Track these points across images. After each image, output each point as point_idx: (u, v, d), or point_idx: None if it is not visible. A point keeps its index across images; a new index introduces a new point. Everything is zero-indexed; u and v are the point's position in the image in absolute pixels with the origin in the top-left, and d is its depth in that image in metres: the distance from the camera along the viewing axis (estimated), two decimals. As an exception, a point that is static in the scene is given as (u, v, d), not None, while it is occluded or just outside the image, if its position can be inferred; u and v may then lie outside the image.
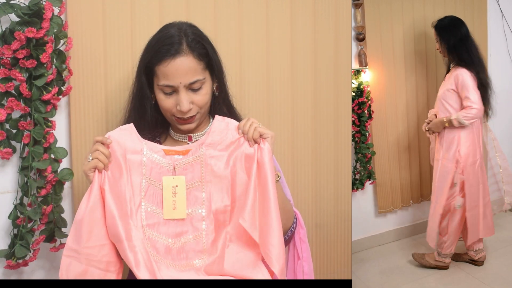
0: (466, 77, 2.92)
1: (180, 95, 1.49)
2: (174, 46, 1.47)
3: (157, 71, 1.49)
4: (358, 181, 3.23)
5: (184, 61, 1.47)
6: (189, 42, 1.49)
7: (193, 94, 1.51)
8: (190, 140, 1.62)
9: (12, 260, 1.72)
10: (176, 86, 1.48)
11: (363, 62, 3.22)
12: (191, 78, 1.49)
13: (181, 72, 1.47)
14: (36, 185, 1.74)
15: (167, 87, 1.49)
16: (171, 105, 1.51)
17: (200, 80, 1.51)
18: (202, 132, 1.63)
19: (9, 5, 1.65)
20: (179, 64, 1.47)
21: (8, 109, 1.69)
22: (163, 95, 1.52)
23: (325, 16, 2.21)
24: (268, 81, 2.13)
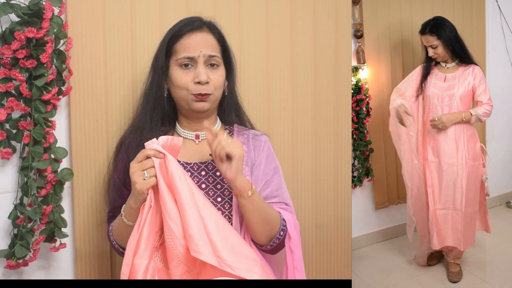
0: (482, 74, 2.96)
1: (199, 67, 1.52)
2: (195, 23, 1.55)
3: (178, 47, 1.54)
4: (356, 178, 3.24)
5: (205, 35, 1.55)
6: (209, 25, 1.58)
7: (209, 71, 1.54)
8: (197, 138, 1.64)
9: (12, 260, 1.72)
10: (196, 56, 1.52)
11: (361, 59, 3.22)
12: (211, 51, 1.54)
13: (202, 43, 1.53)
14: (36, 185, 1.73)
15: (187, 59, 1.52)
16: (189, 79, 1.52)
17: (218, 57, 1.56)
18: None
19: (9, 5, 1.64)
20: (199, 37, 1.54)
21: (8, 109, 1.69)
22: (180, 70, 1.53)
23: (325, 15, 2.21)
24: (268, 80, 2.13)
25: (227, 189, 1.60)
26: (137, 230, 1.37)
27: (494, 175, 4.14)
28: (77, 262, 1.90)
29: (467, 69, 2.99)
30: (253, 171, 1.66)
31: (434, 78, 3.04)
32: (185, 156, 1.61)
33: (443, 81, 3.01)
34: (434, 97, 3.00)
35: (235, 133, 1.71)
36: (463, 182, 2.91)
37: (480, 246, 3.53)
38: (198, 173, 1.59)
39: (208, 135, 1.45)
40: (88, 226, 1.89)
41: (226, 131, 1.63)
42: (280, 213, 1.59)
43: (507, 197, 4.32)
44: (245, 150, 1.67)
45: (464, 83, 2.96)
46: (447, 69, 3.04)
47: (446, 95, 2.98)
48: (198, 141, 1.64)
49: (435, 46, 2.95)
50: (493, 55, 3.95)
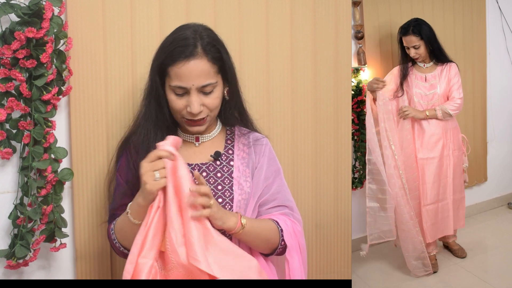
0: (457, 70, 3.12)
1: (192, 97, 1.50)
2: (189, 48, 1.48)
3: (170, 72, 1.50)
4: (357, 180, 3.24)
5: (198, 64, 1.48)
6: (204, 45, 1.49)
7: (204, 97, 1.52)
8: (197, 141, 1.64)
9: (12, 260, 1.72)
10: (188, 88, 1.49)
11: (362, 61, 3.22)
12: (204, 81, 1.49)
13: (194, 74, 1.48)
14: (36, 185, 1.73)
15: (179, 88, 1.50)
16: (182, 106, 1.52)
17: (212, 83, 1.51)
18: (209, 134, 1.66)
19: (9, 5, 1.64)
20: (192, 67, 1.47)
21: (8, 109, 1.69)
22: (174, 95, 1.52)
23: (325, 15, 2.21)
24: (268, 81, 2.13)
25: (228, 190, 1.60)
26: (144, 229, 1.37)
27: (495, 176, 4.14)
28: (77, 262, 1.90)
29: (444, 67, 3.12)
30: (255, 174, 1.66)
31: (414, 79, 3.14)
32: (186, 158, 1.60)
33: (424, 81, 3.13)
34: (418, 96, 3.11)
35: (236, 135, 1.71)
36: (449, 172, 3.11)
37: (481, 247, 3.53)
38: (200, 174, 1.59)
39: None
40: (88, 226, 1.89)
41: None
42: (277, 222, 1.61)
43: (508, 198, 4.31)
44: (246, 153, 1.68)
45: (444, 81, 3.10)
46: (425, 69, 3.15)
47: (429, 94, 3.11)
48: (198, 143, 1.65)
49: (417, 46, 3.05)
50: (494, 55, 3.94)
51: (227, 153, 1.66)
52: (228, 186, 1.60)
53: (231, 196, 1.59)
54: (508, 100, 4.13)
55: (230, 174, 1.62)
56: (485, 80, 3.89)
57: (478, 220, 3.89)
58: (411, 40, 3.04)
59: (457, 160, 3.15)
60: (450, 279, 3.09)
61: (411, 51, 3.07)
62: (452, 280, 3.08)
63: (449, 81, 3.09)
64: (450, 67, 3.11)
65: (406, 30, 3.06)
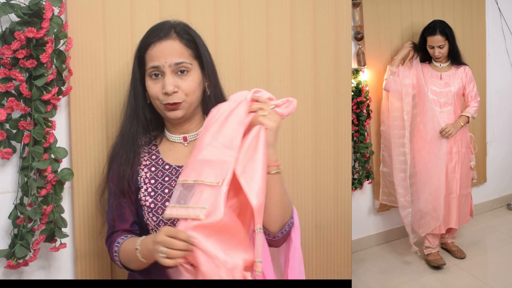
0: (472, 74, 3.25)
1: (166, 76, 1.51)
2: (163, 31, 1.53)
3: (146, 57, 1.53)
4: (356, 181, 3.24)
5: (170, 43, 1.52)
6: (177, 30, 1.54)
7: (179, 79, 1.52)
8: (185, 140, 1.63)
9: (12, 260, 1.72)
10: (161, 66, 1.50)
11: (362, 62, 3.22)
12: (177, 59, 1.51)
13: (167, 52, 1.51)
14: (36, 185, 1.74)
15: (153, 69, 1.52)
16: (158, 89, 1.53)
17: (185, 63, 1.52)
18: (196, 132, 1.64)
19: (9, 5, 1.64)
20: (164, 46, 1.51)
21: (8, 109, 1.69)
22: (151, 81, 1.54)
23: (325, 16, 2.21)
24: (268, 82, 2.13)
25: None
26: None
27: (494, 177, 4.14)
28: (77, 262, 1.90)
29: (459, 69, 3.24)
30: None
31: (430, 77, 3.25)
32: (176, 159, 1.62)
33: (439, 79, 3.24)
34: (433, 93, 3.21)
35: None
36: (457, 167, 3.22)
37: (481, 248, 3.53)
38: None
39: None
40: (88, 226, 1.89)
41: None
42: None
43: (507, 199, 4.31)
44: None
45: (458, 81, 3.21)
46: (441, 68, 3.26)
47: (444, 92, 3.21)
48: (187, 143, 1.63)
49: (442, 46, 3.16)
50: (493, 56, 3.95)
51: None
52: None
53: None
54: (508, 101, 4.13)
55: None
56: (485, 81, 3.89)
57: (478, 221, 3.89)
58: (438, 39, 3.14)
59: (464, 157, 3.26)
60: (450, 279, 3.09)
61: (435, 50, 3.17)
62: (451, 280, 3.08)
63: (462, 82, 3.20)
64: (465, 69, 3.23)
65: (433, 29, 3.16)
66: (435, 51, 3.17)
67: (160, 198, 1.56)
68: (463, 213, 3.33)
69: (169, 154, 1.63)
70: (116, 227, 1.61)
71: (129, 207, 1.61)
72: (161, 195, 1.56)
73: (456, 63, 3.24)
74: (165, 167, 1.61)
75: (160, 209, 1.55)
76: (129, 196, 1.60)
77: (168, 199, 1.55)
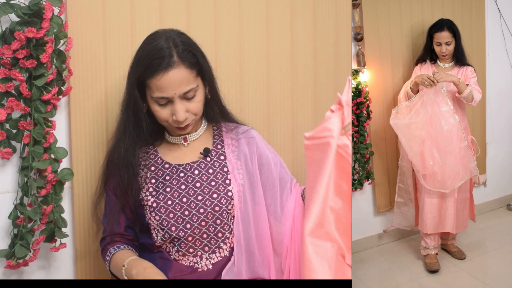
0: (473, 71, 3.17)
1: (176, 105, 1.52)
2: (165, 59, 1.49)
3: (150, 84, 1.51)
4: (356, 182, 3.23)
5: (176, 73, 1.49)
6: (179, 53, 1.51)
7: (187, 103, 1.54)
8: (185, 141, 1.68)
9: (12, 260, 1.72)
10: (170, 97, 1.51)
11: (361, 62, 3.22)
12: (185, 88, 1.52)
13: (175, 84, 1.50)
14: (36, 185, 1.74)
15: (162, 99, 1.52)
16: (167, 115, 1.55)
17: (194, 88, 1.54)
18: (196, 132, 1.69)
19: (9, 5, 1.65)
20: (171, 77, 1.49)
21: (8, 109, 1.69)
22: (158, 106, 1.55)
23: (325, 16, 2.22)
24: (268, 82, 2.13)
25: (221, 184, 1.62)
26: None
27: (494, 177, 4.14)
28: (77, 262, 1.90)
29: (461, 69, 3.18)
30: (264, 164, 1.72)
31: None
32: (176, 158, 1.66)
33: None
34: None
35: (223, 132, 1.74)
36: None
37: (481, 248, 3.53)
38: (191, 172, 1.62)
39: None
40: (88, 226, 1.89)
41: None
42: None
43: (507, 199, 4.30)
44: (235, 146, 1.71)
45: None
46: (444, 68, 3.19)
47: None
48: (187, 143, 1.68)
49: (450, 43, 3.11)
50: (493, 57, 3.94)
51: (216, 148, 1.69)
52: (222, 181, 1.63)
53: (225, 190, 1.62)
54: (507, 102, 4.13)
55: (222, 169, 1.65)
56: (484, 81, 3.88)
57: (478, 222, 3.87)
58: (445, 36, 3.10)
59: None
60: (450, 280, 3.08)
61: (442, 47, 3.13)
62: (451, 281, 3.07)
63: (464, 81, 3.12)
64: (467, 69, 3.17)
65: (441, 26, 3.12)
66: (442, 48, 3.12)
67: (162, 197, 1.57)
68: (461, 218, 3.26)
69: (168, 153, 1.65)
70: (110, 231, 1.67)
71: (124, 213, 1.65)
72: (163, 194, 1.58)
73: (460, 64, 3.20)
74: (165, 166, 1.62)
75: (163, 208, 1.56)
76: (125, 200, 1.62)
77: (170, 197, 1.57)
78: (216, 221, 1.59)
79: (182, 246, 1.58)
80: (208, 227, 1.58)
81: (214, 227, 1.59)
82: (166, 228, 1.56)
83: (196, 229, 1.57)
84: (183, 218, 1.57)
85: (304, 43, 2.19)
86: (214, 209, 1.58)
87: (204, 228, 1.58)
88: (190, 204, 1.58)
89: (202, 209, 1.58)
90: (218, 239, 1.61)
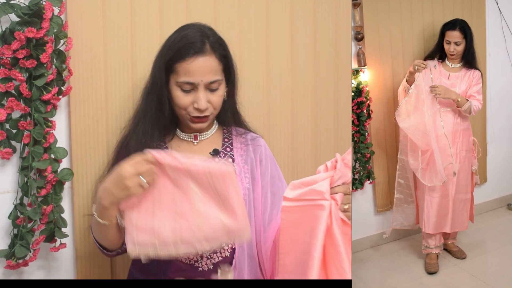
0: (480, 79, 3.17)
1: (199, 93, 1.52)
2: (198, 44, 1.51)
3: (178, 68, 1.51)
4: (357, 181, 3.23)
5: (207, 60, 1.51)
6: (211, 43, 1.53)
7: (210, 94, 1.54)
8: (195, 139, 1.66)
9: (12, 260, 1.72)
10: (196, 83, 1.51)
11: (362, 62, 3.22)
12: (212, 77, 1.52)
13: (204, 70, 1.50)
14: (36, 185, 1.74)
15: (187, 84, 1.52)
16: (188, 102, 1.54)
17: (219, 80, 1.55)
18: (207, 132, 1.68)
19: (9, 5, 1.65)
20: (202, 62, 1.50)
21: (8, 109, 1.69)
22: (180, 92, 1.54)
23: (325, 16, 2.22)
24: (268, 82, 2.13)
25: None
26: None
27: (494, 177, 4.14)
28: (77, 262, 1.90)
29: (469, 72, 3.17)
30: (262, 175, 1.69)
31: (438, 75, 3.18)
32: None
33: (446, 78, 3.17)
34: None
35: (233, 135, 1.73)
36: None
37: (481, 248, 3.53)
38: None
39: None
40: (88, 226, 1.88)
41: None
42: None
43: (508, 199, 4.30)
44: (244, 150, 1.70)
45: (465, 84, 3.14)
46: (451, 69, 3.20)
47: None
48: (197, 142, 1.67)
49: (459, 43, 3.12)
50: (493, 56, 3.94)
51: (225, 150, 1.68)
52: None
53: None
54: (508, 101, 4.13)
55: None
56: (485, 81, 3.88)
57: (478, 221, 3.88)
58: (456, 35, 3.11)
59: (464, 160, 3.18)
60: (450, 280, 3.09)
61: (451, 46, 3.13)
62: (451, 281, 3.08)
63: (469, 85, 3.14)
64: (474, 72, 3.17)
65: (453, 25, 3.13)
66: (450, 47, 3.13)
67: None
68: (460, 219, 3.25)
69: (177, 150, 1.64)
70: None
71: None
72: None
73: (468, 66, 3.19)
74: None
75: None
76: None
77: None
78: None
79: None
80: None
81: None
82: None
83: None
84: None
85: (304, 43, 2.19)
86: None
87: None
88: None
89: None
90: None
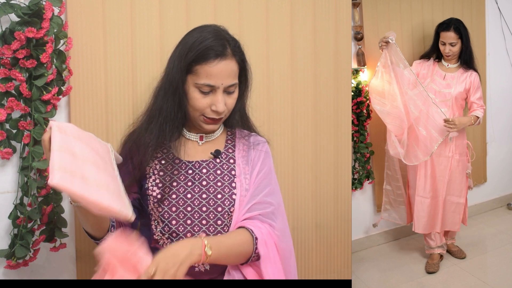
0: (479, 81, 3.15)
1: (218, 95, 1.53)
2: (220, 48, 1.52)
3: (200, 70, 1.51)
4: (357, 181, 3.24)
5: (229, 64, 1.53)
6: (232, 47, 1.55)
7: (227, 97, 1.56)
8: (201, 139, 1.68)
9: (12, 260, 1.72)
10: (216, 86, 1.52)
11: (361, 62, 3.22)
12: (231, 81, 1.55)
13: (224, 74, 1.52)
14: (36, 185, 1.74)
15: (207, 87, 1.52)
16: (206, 104, 1.55)
17: (236, 84, 1.58)
18: (214, 133, 1.70)
19: (9, 5, 1.65)
20: (224, 66, 1.51)
21: (8, 109, 1.69)
22: (199, 93, 1.54)
23: (325, 16, 2.22)
24: (268, 82, 2.13)
25: (227, 186, 1.62)
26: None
27: (494, 176, 4.15)
28: (77, 262, 1.90)
29: (465, 73, 3.15)
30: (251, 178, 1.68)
31: (434, 74, 3.18)
32: (188, 155, 1.65)
33: (442, 78, 3.16)
34: (431, 91, 3.13)
35: (236, 137, 1.74)
36: (446, 173, 3.12)
37: (481, 248, 3.53)
38: (200, 170, 1.62)
39: None
40: (88, 225, 1.89)
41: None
42: (252, 230, 1.57)
43: (507, 198, 4.31)
44: (246, 151, 1.71)
45: (461, 85, 3.12)
46: (447, 69, 3.19)
47: (443, 92, 3.14)
48: (202, 142, 1.68)
49: (454, 44, 3.09)
50: (493, 56, 3.95)
51: (227, 151, 1.68)
52: (228, 183, 1.63)
53: (230, 192, 1.62)
54: (508, 101, 4.14)
55: (230, 172, 1.64)
56: (485, 81, 3.89)
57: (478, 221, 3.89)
58: (450, 36, 3.09)
59: (457, 164, 3.16)
60: (450, 279, 3.09)
61: (446, 47, 3.11)
62: (451, 280, 3.08)
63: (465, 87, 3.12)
64: (472, 75, 3.14)
65: (447, 25, 3.11)
66: (445, 48, 3.11)
67: (167, 190, 1.58)
68: (451, 220, 3.24)
69: (181, 149, 1.65)
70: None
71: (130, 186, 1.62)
72: (169, 188, 1.59)
73: (466, 66, 3.16)
74: (175, 161, 1.63)
75: (167, 200, 1.57)
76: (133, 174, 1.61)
77: (175, 192, 1.58)
78: (217, 221, 1.59)
79: None
80: (208, 227, 1.58)
81: (214, 227, 1.59)
82: (166, 221, 1.56)
83: (196, 226, 1.57)
84: (185, 213, 1.57)
85: (304, 43, 2.19)
86: (216, 209, 1.58)
87: (204, 227, 1.58)
88: (193, 201, 1.58)
89: (205, 208, 1.58)
90: None
